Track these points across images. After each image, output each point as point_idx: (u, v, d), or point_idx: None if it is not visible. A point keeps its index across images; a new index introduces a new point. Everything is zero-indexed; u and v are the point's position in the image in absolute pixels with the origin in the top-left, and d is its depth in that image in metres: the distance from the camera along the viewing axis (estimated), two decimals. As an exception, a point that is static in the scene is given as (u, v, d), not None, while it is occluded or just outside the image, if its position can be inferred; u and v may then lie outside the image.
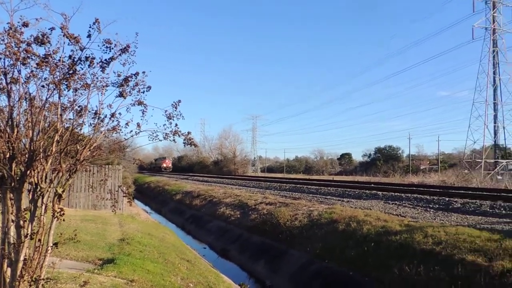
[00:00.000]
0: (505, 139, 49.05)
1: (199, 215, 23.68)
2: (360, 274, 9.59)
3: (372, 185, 23.24)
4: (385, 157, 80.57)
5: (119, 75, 3.61)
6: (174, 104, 3.69)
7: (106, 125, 3.69)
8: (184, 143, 3.62)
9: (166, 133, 3.58)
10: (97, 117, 3.62)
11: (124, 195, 5.33)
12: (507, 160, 48.28)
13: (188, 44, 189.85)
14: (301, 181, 31.75)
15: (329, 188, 22.13)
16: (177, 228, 23.18)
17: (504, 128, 48.30)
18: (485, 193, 16.28)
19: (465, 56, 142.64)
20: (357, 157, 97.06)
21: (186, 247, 13.91)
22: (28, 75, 3.48)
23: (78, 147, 3.66)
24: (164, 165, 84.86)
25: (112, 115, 3.64)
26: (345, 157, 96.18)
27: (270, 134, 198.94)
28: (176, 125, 3.59)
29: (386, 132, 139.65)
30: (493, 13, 48.08)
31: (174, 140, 3.59)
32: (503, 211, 11.70)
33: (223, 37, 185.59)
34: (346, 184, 25.02)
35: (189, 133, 3.57)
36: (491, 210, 12.05)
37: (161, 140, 3.60)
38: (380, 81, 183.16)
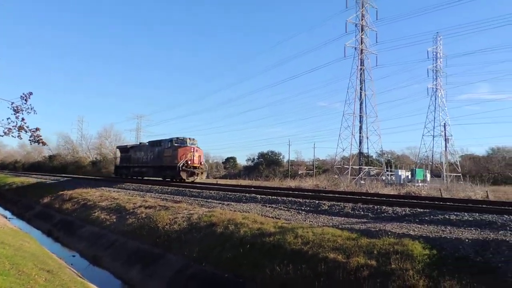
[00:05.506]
0: (368, 148, 56.22)
1: (70, 220, 21.62)
2: (235, 275, 9.78)
3: (253, 188, 23.95)
4: (268, 162, 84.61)
5: None
6: (23, 96, 3.25)
7: None
8: (30, 140, 3.20)
9: (8, 128, 3.12)
10: None
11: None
12: (369, 167, 54.98)
13: (68, 44, 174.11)
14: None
15: (211, 191, 22.20)
16: (42, 235, 20.82)
17: (367, 138, 55.02)
18: (349, 196, 18.06)
19: (341, 71, 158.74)
20: (242, 161, 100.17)
21: (49, 256, 12.50)
22: None
23: None
24: (187, 161, 30.54)
25: None
26: (230, 161, 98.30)
27: (155, 135, 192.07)
28: (23, 119, 3.15)
29: (270, 138, 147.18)
30: (361, 35, 54.59)
31: (19, 136, 3.16)
32: (362, 212, 13.09)
33: (109, 39, 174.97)
34: (228, 188, 25.43)
35: (37, 129, 3.18)
36: (352, 212, 13.35)
37: (2, 136, 3.12)
38: (265, 88, 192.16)
